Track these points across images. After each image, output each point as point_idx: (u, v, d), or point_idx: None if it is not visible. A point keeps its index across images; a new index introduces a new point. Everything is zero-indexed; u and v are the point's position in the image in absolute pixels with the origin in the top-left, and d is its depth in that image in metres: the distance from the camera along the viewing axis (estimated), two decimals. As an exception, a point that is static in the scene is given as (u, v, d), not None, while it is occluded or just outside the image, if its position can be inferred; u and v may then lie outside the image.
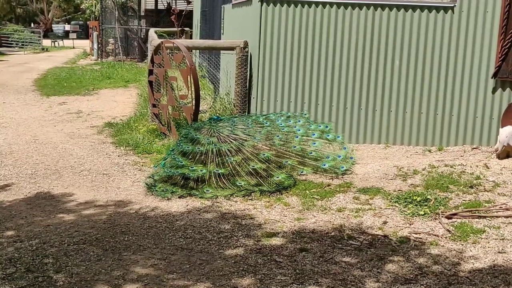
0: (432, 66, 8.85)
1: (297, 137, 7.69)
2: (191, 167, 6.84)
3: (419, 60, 8.86)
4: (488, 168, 7.60)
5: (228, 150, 7.00)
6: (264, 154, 7.07)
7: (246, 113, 9.46)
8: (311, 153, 7.52)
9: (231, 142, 7.15)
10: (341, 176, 7.33)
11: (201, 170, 6.79)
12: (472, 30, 8.68)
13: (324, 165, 7.42)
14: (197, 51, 15.61)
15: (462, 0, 8.64)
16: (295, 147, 7.48)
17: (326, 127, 8.07)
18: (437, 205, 6.21)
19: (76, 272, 4.67)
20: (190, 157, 7.05)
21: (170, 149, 7.52)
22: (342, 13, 8.90)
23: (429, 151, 8.75)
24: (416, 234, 5.53)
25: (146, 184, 6.98)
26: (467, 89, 8.81)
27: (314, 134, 7.82)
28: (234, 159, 6.91)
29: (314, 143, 7.68)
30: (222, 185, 6.72)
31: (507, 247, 5.20)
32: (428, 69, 8.86)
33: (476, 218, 5.90)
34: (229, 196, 6.59)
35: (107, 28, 27.30)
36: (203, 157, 6.97)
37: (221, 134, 7.29)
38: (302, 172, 7.28)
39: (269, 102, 9.22)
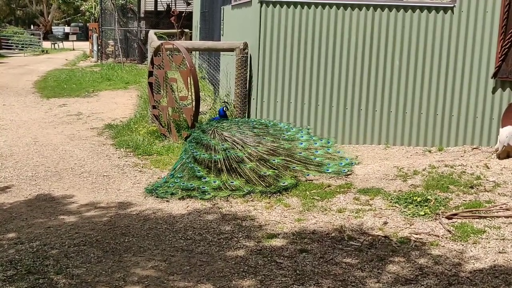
0: (432, 67, 8.85)
1: (302, 143, 7.69)
2: (204, 178, 6.81)
3: (419, 61, 8.86)
4: (489, 168, 7.59)
5: (241, 157, 6.96)
6: (274, 160, 7.06)
7: (246, 114, 9.46)
8: (315, 158, 7.49)
9: (243, 148, 7.10)
10: (341, 177, 7.33)
11: (214, 182, 6.76)
12: (472, 30, 8.68)
13: (328, 170, 7.41)
14: (197, 52, 15.60)
15: (461, 0, 8.65)
16: (301, 153, 7.45)
17: (328, 142, 8.07)
18: (437, 206, 6.21)
19: (77, 274, 4.67)
20: (202, 162, 7.05)
21: (182, 156, 7.41)
22: (342, 14, 8.90)
23: (429, 151, 8.75)
24: (416, 234, 5.53)
25: (147, 189, 6.97)
26: (467, 89, 8.81)
27: (316, 143, 7.82)
28: (249, 166, 6.88)
29: (317, 151, 7.67)
30: (223, 188, 6.74)
31: (508, 247, 5.20)
32: (428, 70, 8.87)
33: (476, 218, 5.90)
34: (227, 196, 6.59)
35: (107, 30, 27.31)
36: (215, 163, 6.95)
37: (231, 138, 7.24)
38: (308, 175, 7.27)
39: (269, 103, 9.23)
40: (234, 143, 7.16)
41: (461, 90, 8.83)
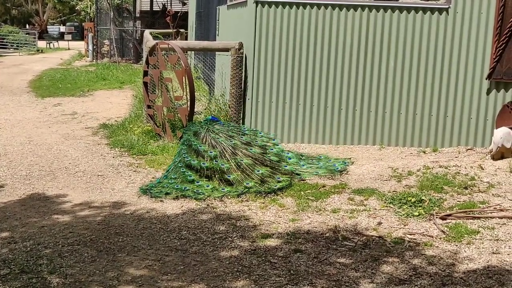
0: (427, 68, 8.87)
1: (290, 159, 7.64)
2: (197, 182, 6.85)
3: (414, 62, 8.88)
4: (483, 169, 7.61)
5: (228, 168, 6.96)
6: (259, 171, 7.03)
7: (242, 114, 9.46)
8: (300, 173, 7.45)
9: (232, 156, 7.09)
10: (336, 177, 7.34)
11: (207, 186, 6.79)
12: (466, 32, 8.70)
13: (318, 172, 7.43)
14: (192, 52, 15.60)
15: (456, 1, 8.66)
16: (286, 167, 7.38)
17: (320, 156, 8.07)
18: (431, 206, 6.22)
19: (70, 273, 4.66)
20: (192, 167, 7.07)
21: (175, 159, 7.41)
22: (337, 14, 8.91)
23: (424, 152, 8.76)
24: (410, 235, 5.54)
25: (141, 189, 6.97)
26: (462, 90, 8.83)
27: (303, 156, 7.72)
28: (233, 176, 6.86)
29: (303, 165, 7.62)
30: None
31: (501, 248, 5.21)
32: (423, 71, 8.88)
33: (470, 219, 5.91)
34: (221, 196, 6.60)
35: (102, 30, 27.25)
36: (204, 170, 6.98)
37: (220, 144, 7.23)
38: (301, 176, 7.28)
39: (264, 104, 9.23)
40: (223, 150, 7.15)
41: (455, 91, 8.85)
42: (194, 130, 7.68)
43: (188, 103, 9.17)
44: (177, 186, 6.82)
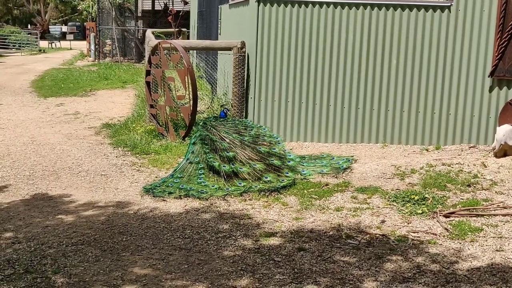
0: (429, 65, 8.87)
1: (289, 162, 7.61)
2: (204, 183, 6.87)
3: (416, 59, 8.88)
4: (486, 167, 7.61)
5: (246, 172, 6.98)
6: (266, 177, 7.01)
7: (244, 113, 9.46)
8: (304, 171, 7.45)
9: (246, 160, 7.12)
10: (339, 176, 7.34)
11: (212, 186, 6.80)
12: (468, 29, 8.70)
13: (322, 171, 7.43)
14: (195, 51, 15.59)
15: (458, -1, 8.67)
16: (287, 174, 7.26)
17: (322, 155, 8.06)
18: (435, 204, 6.22)
19: (75, 273, 4.67)
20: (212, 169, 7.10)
21: (191, 159, 7.34)
22: (339, 13, 8.91)
23: (427, 150, 8.76)
24: (414, 233, 5.55)
25: (145, 188, 6.97)
26: (464, 88, 8.83)
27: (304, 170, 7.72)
28: (244, 184, 6.85)
29: (304, 171, 7.58)
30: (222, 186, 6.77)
31: (505, 245, 5.21)
32: (425, 68, 8.88)
33: (474, 216, 5.92)
34: (224, 195, 6.60)
35: (104, 29, 27.27)
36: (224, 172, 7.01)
37: (233, 143, 7.26)
38: (304, 171, 7.28)
39: (267, 102, 9.23)
40: (237, 153, 7.19)
41: (458, 89, 8.85)
42: (205, 127, 7.67)
43: (191, 102, 9.18)
44: (182, 186, 6.83)
